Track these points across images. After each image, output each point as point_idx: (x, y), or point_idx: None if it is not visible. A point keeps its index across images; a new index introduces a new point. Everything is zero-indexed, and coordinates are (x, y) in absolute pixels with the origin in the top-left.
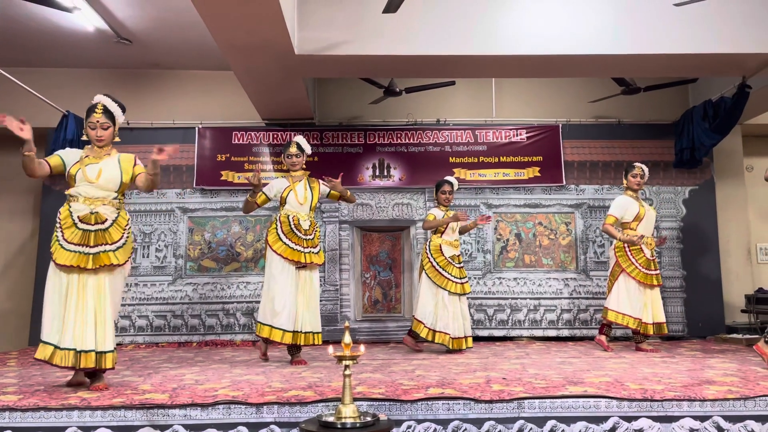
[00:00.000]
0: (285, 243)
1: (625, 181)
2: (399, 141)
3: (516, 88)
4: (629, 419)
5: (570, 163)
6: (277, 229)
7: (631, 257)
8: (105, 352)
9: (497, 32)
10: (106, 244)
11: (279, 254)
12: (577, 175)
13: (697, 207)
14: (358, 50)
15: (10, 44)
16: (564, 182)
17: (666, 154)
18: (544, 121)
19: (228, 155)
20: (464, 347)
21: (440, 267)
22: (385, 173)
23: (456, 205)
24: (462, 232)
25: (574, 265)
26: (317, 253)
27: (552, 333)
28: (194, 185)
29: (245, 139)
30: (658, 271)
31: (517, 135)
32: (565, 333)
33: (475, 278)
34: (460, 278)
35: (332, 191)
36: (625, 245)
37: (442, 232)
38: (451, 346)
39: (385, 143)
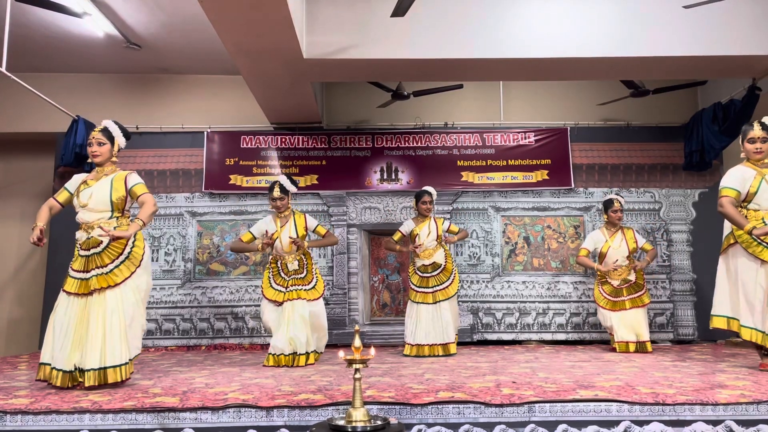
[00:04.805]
0: (271, 286)
1: (605, 216)
2: (407, 144)
3: (524, 90)
4: (641, 423)
5: (578, 166)
6: (269, 272)
7: (601, 290)
8: (109, 368)
9: (505, 35)
10: (100, 267)
11: (265, 297)
12: (586, 178)
13: (706, 210)
14: (366, 54)
15: (21, 50)
16: (572, 185)
17: (675, 157)
18: (552, 124)
19: (236, 159)
20: (439, 354)
21: (410, 281)
22: (393, 176)
23: (465, 208)
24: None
25: (583, 268)
26: (309, 289)
27: (561, 336)
28: (203, 189)
29: (254, 143)
30: (636, 295)
31: (525, 138)
32: (574, 336)
33: (483, 282)
34: (431, 287)
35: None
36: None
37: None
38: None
39: (392, 147)
